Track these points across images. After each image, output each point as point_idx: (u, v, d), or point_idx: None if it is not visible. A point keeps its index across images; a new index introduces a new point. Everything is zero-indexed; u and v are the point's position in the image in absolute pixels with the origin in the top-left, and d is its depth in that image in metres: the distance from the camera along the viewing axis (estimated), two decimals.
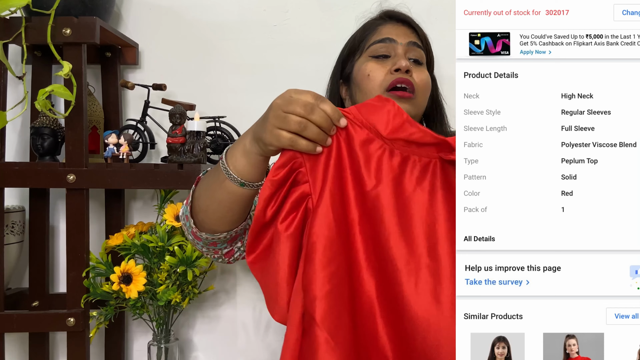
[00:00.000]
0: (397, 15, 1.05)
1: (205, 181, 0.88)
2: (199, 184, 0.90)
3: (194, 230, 0.90)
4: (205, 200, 0.86)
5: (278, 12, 1.40)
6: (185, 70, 1.40)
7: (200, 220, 0.88)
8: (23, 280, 1.40)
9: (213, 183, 0.84)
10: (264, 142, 0.76)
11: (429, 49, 1.05)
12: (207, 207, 0.86)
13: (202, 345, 1.42)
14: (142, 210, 1.42)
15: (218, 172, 0.83)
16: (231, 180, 0.81)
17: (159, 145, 1.40)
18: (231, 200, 0.83)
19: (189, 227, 0.90)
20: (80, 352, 1.17)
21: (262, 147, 0.77)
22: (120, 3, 1.40)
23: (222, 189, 0.82)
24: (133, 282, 1.15)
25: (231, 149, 0.83)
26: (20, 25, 1.12)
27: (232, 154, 0.82)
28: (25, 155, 1.38)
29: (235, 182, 0.81)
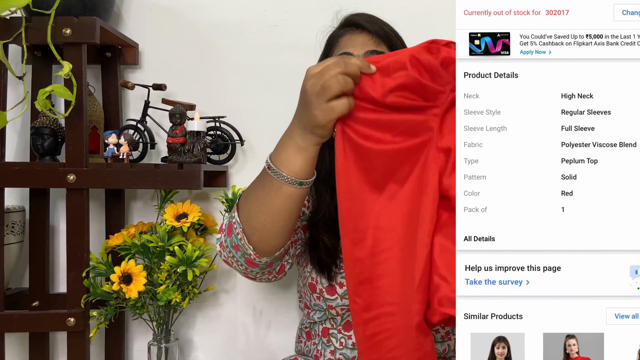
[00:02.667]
0: (355, 21, 1.06)
1: (252, 199, 0.87)
2: (244, 206, 0.88)
3: (252, 258, 0.89)
4: (260, 217, 0.85)
5: (278, 12, 1.40)
6: (185, 70, 1.40)
7: (257, 241, 0.87)
8: (23, 280, 1.40)
9: (266, 195, 0.83)
10: (318, 124, 0.75)
11: (394, 44, 1.05)
12: (265, 223, 0.85)
13: (202, 345, 1.42)
14: (142, 210, 1.42)
15: (269, 182, 0.82)
16: (289, 184, 0.81)
17: (159, 145, 1.40)
18: (290, 205, 0.83)
19: (248, 254, 0.89)
20: (80, 352, 1.17)
21: (319, 132, 0.77)
22: (120, 3, 1.40)
23: (279, 197, 0.82)
24: (133, 282, 1.15)
25: (279, 152, 0.82)
26: (20, 25, 1.12)
27: (284, 158, 0.81)
28: (25, 155, 1.39)
29: (294, 184, 0.81)
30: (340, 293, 0.99)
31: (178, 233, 1.22)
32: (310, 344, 1.07)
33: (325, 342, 1.03)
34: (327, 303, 0.99)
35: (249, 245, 0.87)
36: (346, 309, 1.00)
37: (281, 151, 0.82)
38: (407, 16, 1.29)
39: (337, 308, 1.00)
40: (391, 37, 1.05)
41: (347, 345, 1.01)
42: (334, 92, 0.72)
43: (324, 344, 1.03)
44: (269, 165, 0.82)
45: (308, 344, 1.08)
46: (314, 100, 0.74)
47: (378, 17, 1.08)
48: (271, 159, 0.83)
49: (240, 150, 1.40)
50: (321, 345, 1.04)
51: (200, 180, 1.17)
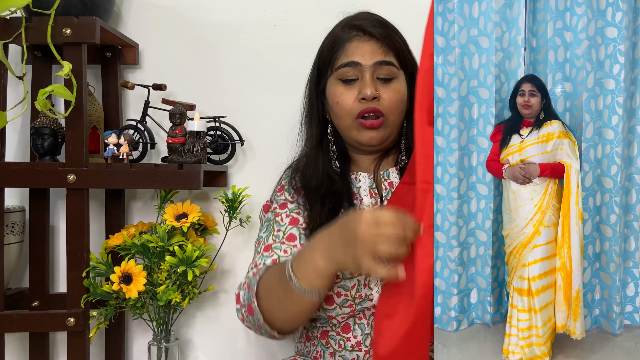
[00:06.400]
0: (362, 26, 1.04)
1: (273, 297, 0.91)
2: (265, 298, 0.92)
3: (276, 336, 0.94)
4: (282, 314, 0.90)
5: (278, 12, 1.40)
6: (185, 70, 1.40)
7: (279, 327, 0.93)
8: (23, 280, 1.40)
9: (287, 299, 0.87)
10: (348, 268, 0.82)
11: (401, 52, 1.05)
12: (286, 319, 0.91)
13: (202, 345, 1.42)
14: (142, 210, 1.42)
15: (291, 290, 0.85)
16: (309, 295, 0.84)
17: (159, 145, 1.40)
18: (310, 308, 0.89)
19: (271, 335, 0.94)
20: (80, 352, 1.17)
21: (342, 269, 0.83)
22: (120, 3, 1.40)
23: (300, 303, 0.87)
24: (133, 282, 1.15)
25: (300, 265, 0.85)
26: (21, 25, 1.12)
27: (305, 274, 0.84)
28: (25, 155, 1.38)
29: (314, 295, 0.85)
30: (338, 302, 0.97)
31: (178, 233, 1.22)
32: (310, 345, 1.07)
33: (324, 344, 1.03)
34: (327, 313, 0.98)
35: (272, 330, 0.93)
36: (346, 316, 0.99)
37: (302, 266, 0.85)
38: (409, 15, 1.29)
39: (337, 317, 0.99)
40: (398, 45, 1.04)
41: (346, 347, 1.00)
42: (384, 254, 0.75)
43: (323, 345, 1.03)
44: (290, 276, 0.85)
45: (307, 345, 1.08)
46: (361, 249, 0.76)
47: (382, 18, 1.07)
48: (292, 268, 0.85)
49: (240, 150, 1.40)
50: (320, 347, 1.04)
51: (200, 180, 1.17)
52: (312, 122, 1.11)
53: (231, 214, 1.28)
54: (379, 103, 1.01)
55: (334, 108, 1.05)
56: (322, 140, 1.10)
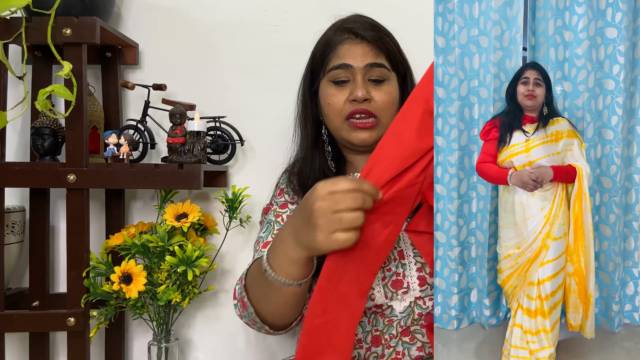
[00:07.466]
0: (353, 28, 1.05)
1: (257, 291, 0.89)
2: (252, 293, 0.91)
3: (271, 332, 0.94)
4: (269, 306, 0.88)
5: (278, 12, 1.40)
6: (185, 70, 1.40)
7: (271, 322, 0.92)
8: (23, 280, 1.40)
9: (269, 292, 0.85)
10: (316, 249, 0.75)
11: (393, 54, 1.06)
12: (274, 312, 0.89)
13: (202, 345, 1.42)
14: (142, 210, 1.42)
15: (270, 283, 0.83)
16: (288, 286, 0.82)
17: (159, 145, 1.40)
18: (295, 299, 0.85)
19: (266, 330, 0.93)
20: (80, 352, 1.17)
21: (313, 252, 0.78)
22: (120, 3, 1.40)
23: (282, 294, 0.84)
24: (133, 282, 1.15)
25: (274, 257, 0.82)
26: (21, 26, 1.12)
27: (279, 264, 0.81)
28: (25, 155, 1.39)
29: (293, 285, 0.82)
30: None
31: (178, 233, 1.22)
32: None
33: None
34: None
35: (265, 325, 0.92)
36: None
37: (275, 257, 0.82)
38: (407, 17, 1.29)
39: None
40: (389, 47, 1.05)
41: None
42: (345, 226, 0.71)
43: None
44: (265, 269, 0.83)
45: None
46: (321, 224, 0.71)
47: (374, 20, 1.08)
48: (268, 260, 0.83)
49: (240, 150, 1.40)
50: None
51: (200, 180, 1.18)
52: (306, 124, 1.12)
53: (231, 214, 1.28)
54: (371, 105, 1.03)
55: (325, 109, 1.07)
56: (317, 140, 1.12)
